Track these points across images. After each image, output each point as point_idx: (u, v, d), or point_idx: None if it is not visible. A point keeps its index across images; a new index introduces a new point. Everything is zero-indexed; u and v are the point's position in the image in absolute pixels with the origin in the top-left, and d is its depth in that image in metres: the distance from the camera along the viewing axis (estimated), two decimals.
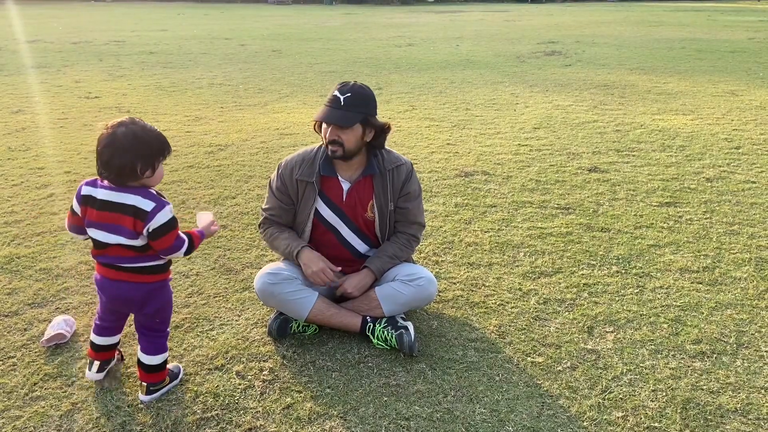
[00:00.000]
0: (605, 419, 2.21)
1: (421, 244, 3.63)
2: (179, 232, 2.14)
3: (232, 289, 3.13)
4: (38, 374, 2.44)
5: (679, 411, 2.25)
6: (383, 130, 2.68)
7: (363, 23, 22.18)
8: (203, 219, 2.35)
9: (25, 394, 2.32)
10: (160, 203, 2.07)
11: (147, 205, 2.05)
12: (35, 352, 2.58)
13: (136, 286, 2.17)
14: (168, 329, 2.34)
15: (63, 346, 2.62)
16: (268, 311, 2.89)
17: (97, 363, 2.36)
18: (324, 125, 2.63)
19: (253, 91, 8.77)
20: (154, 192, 2.12)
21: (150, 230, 2.05)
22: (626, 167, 5.07)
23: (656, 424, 2.18)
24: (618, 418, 2.22)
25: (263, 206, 2.89)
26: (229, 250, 3.58)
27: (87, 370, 2.38)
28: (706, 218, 4.01)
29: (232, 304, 2.99)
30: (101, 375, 2.38)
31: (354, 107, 2.56)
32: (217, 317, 2.88)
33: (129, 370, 2.46)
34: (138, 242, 2.09)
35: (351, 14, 27.96)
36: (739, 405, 2.28)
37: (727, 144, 5.77)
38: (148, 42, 15.21)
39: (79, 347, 2.63)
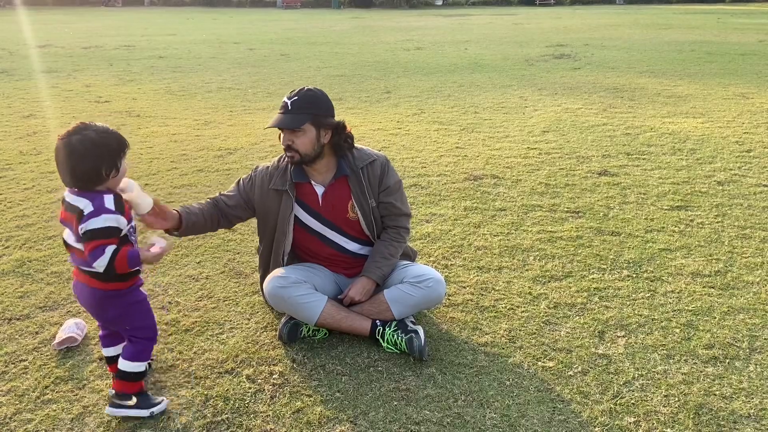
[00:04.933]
0: (617, 425, 2.19)
1: (430, 247, 3.63)
2: (108, 246, 1.98)
3: (241, 293, 3.14)
4: (50, 377, 2.45)
5: (691, 416, 2.23)
6: (338, 128, 2.65)
7: (371, 27, 22.22)
8: (155, 244, 2.14)
9: (37, 397, 2.33)
10: (100, 210, 1.98)
11: (87, 207, 1.98)
12: (47, 356, 2.59)
13: (91, 291, 2.13)
14: (144, 339, 2.21)
15: (74, 350, 2.63)
16: (277, 315, 2.89)
17: (112, 374, 2.35)
18: (281, 133, 2.63)
19: (262, 95, 8.80)
20: (110, 199, 2.02)
21: (81, 232, 2.00)
22: (636, 171, 5.05)
23: (668, 430, 2.17)
24: (630, 423, 2.20)
25: (224, 191, 2.85)
26: (238, 253, 3.59)
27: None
28: (717, 222, 3.98)
29: (242, 308, 3.00)
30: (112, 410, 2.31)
31: (301, 109, 2.57)
32: (227, 321, 2.88)
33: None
34: (80, 245, 2.05)
35: (359, 18, 28.03)
36: (752, 410, 2.26)
37: (738, 147, 5.73)
38: (158, 46, 15.31)
39: (90, 350, 2.64)
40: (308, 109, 2.58)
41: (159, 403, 2.25)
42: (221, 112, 7.68)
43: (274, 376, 2.47)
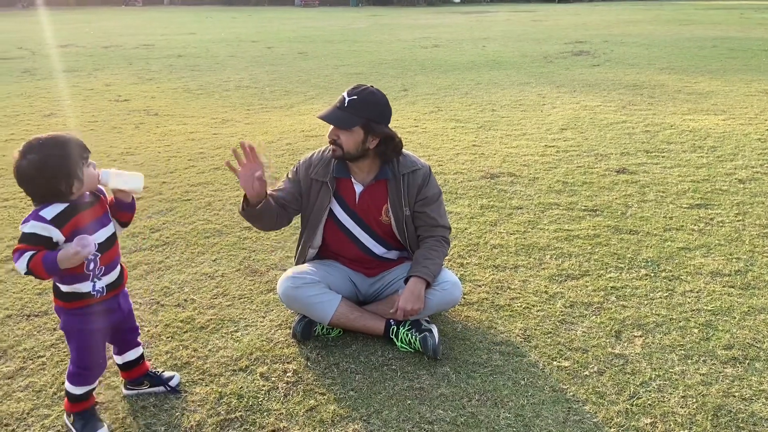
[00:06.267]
0: (633, 425, 2.16)
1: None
2: (28, 252, 1.89)
3: (256, 291, 3.15)
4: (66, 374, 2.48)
5: (709, 418, 2.19)
6: (388, 140, 2.60)
7: (389, 25, 22.20)
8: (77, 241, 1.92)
9: (54, 393, 2.36)
10: (30, 217, 1.92)
11: (26, 216, 1.95)
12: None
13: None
14: (76, 360, 2.09)
15: None
16: (292, 313, 2.89)
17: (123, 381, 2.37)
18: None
19: (280, 93, 8.83)
20: (51, 210, 1.93)
21: None
22: (656, 168, 4.98)
23: None
24: (646, 424, 2.17)
25: (274, 188, 2.83)
26: (254, 251, 3.60)
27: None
28: (738, 220, 3.91)
29: (257, 306, 3.01)
30: (129, 392, 2.36)
31: (356, 110, 2.53)
32: (241, 318, 2.89)
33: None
34: None
35: (376, 16, 28.01)
36: None
37: (761, 144, 5.62)
38: (177, 45, 15.43)
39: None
40: (363, 112, 2.53)
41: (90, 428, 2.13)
42: (239, 110, 7.72)
43: (287, 374, 2.48)
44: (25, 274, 1.93)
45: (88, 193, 2.05)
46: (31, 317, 2.90)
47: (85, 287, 2.04)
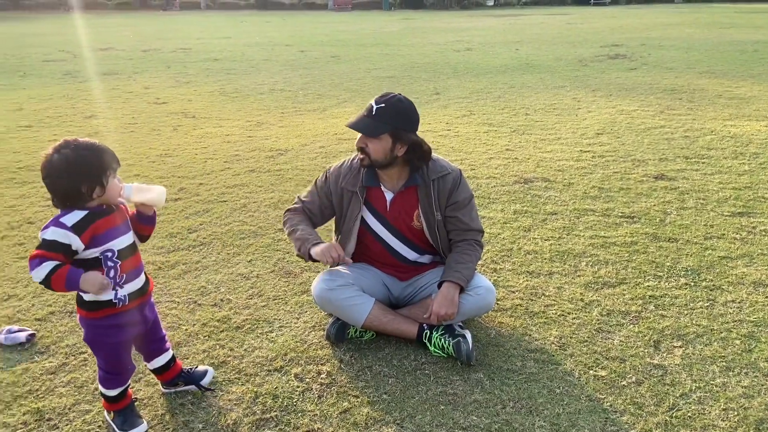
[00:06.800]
0: None
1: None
2: (49, 260, 1.89)
3: (290, 292, 3.18)
4: None
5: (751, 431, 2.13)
6: (414, 145, 2.59)
7: (421, 28, 22.20)
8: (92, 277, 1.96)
9: (95, 389, 2.41)
10: (50, 223, 1.92)
11: (46, 222, 1.95)
12: None
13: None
14: (104, 367, 2.14)
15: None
16: (325, 315, 2.91)
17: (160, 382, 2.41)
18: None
19: (313, 97, 8.91)
20: (72, 216, 1.94)
21: None
22: (695, 175, 4.87)
23: None
24: None
25: (301, 195, 2.87)
26: (288, 253, 3.63)
27: None
28: None
29: (291, 307, 3.03)
30: (166, 390, 2.40)
31: (384, 118, 2.53)
32: (276, 319, 2.92)
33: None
34: None
35: (409, 19, 28.04)
36: None
37: None
38: (213, 49, 15.69)
39: None
40: (391, 121, 2.54)
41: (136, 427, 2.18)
42: (273, 113, 7.81)
43: (321, 376, 2.49)
44: (40, 283, 1.90)
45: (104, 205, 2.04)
46: (73, 314, 2.98)
47: (106, 295, 2.03)
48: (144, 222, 2.16)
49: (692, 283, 3.17)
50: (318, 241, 2.64)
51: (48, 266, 1.89)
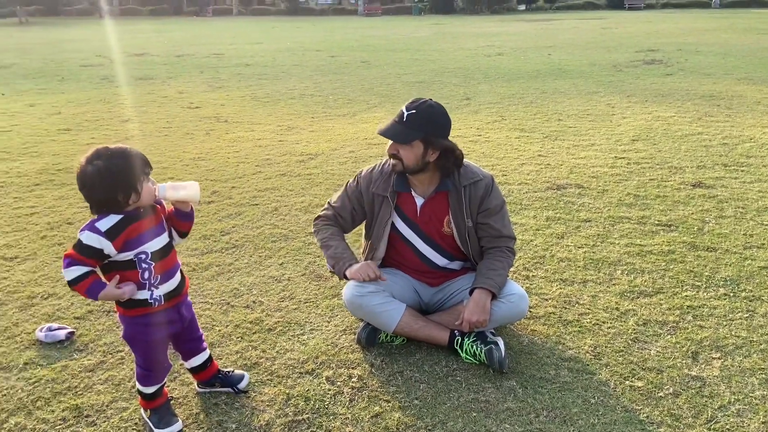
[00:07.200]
0: None
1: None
2: (81, 264, 1.96)
3: (321, 296, 3.19)
4: None
5: None
6: (446, 151, 2.58)
7: (451, 33, 22.17)
8: (124, 286, 2.06)
9: (132, 386, 2.46)
10: (86, 227, 1.98)
11: (84, 224, 2.01)
12: None
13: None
14: (141, 364, 2.19)
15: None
16: (356, 319, 2.92)
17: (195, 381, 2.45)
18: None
19: (343, 102, 8.95)
20: (106, 221, 1.98)
21: None
22: (734, 183, 4.76)
23: None
24: None
25: (331, 200, 2.88)
26: (318, 257, 3.65)
27: None
28: None
29: (322, 310, 3.04)
30: (201, 390, 2.43)
31: (415, 124, 2.52)
32: (307, 322, 2.94)
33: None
34: None
35: (439, 24, 28.02)
36: None
37: None
38: (245, 55, 15.90)
39: None
40: (422, 127, 2.53)
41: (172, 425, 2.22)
42: (303, 118, 7.87)
43: (353, 380, 2.49)
44: (67, 282, 1.99)
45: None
46: (111, 313, 3.04)
47: (142, 294, 2.08)
48: (182, 218, 2.20)
49: (731, 294, 3.09)
50: (352, 261, 2.67)
51: (77, 271, 1.97)
